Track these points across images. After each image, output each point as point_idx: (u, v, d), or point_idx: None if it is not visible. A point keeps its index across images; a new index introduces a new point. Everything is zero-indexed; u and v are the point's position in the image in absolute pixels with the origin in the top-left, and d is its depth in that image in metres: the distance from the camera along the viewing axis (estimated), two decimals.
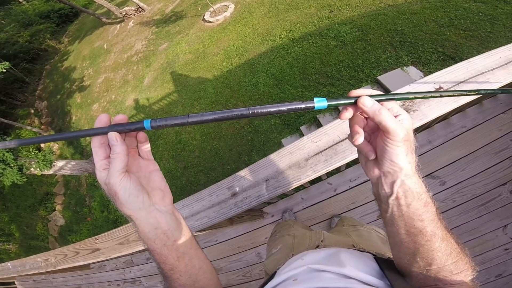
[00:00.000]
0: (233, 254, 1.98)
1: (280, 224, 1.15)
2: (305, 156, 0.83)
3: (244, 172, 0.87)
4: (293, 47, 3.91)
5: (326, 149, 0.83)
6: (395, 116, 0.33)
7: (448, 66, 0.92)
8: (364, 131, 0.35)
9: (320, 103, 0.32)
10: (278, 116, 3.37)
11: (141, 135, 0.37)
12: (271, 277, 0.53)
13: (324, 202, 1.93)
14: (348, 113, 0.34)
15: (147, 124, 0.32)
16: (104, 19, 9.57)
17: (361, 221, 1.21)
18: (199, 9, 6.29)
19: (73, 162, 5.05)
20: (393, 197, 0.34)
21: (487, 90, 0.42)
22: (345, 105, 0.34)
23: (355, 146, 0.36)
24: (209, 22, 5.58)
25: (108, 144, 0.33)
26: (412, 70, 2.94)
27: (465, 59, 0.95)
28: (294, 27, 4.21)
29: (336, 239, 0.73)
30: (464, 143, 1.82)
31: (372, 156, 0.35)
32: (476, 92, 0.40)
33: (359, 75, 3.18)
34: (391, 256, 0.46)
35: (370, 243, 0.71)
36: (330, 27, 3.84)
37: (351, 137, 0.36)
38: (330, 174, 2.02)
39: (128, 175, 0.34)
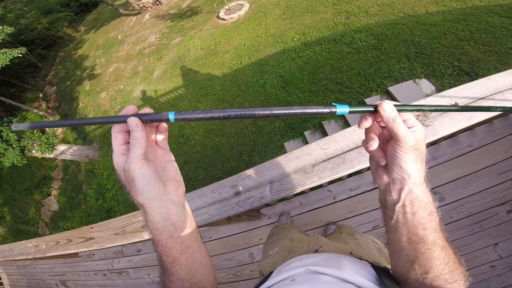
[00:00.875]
0: (225, 252, 1.97)
1: (278, 227, 1.15)
2: (312, 162, 0.82)
3: (249, 172, 0.86)
4: (305, 51, 3.86)
5: (334, 157, 0.82)
6: (410, 127, 0.34)
7: (462, 81, 0.91)
8: (379, 139, 0.37)
9: (341, 108, 0.33)
10: (283, 119, 3.31)
11: (163, 125, 0.38)
12: (267, 277, 0.52)
13: (322, 209, 1.91)
14: (368, 122, 0.35)
15: (171, 116, 0.33)
16: (121, 10, 9.73)
17: (358, 230, 1.20)
18: (215, 6, 6.34)
19: (75, 147, 5.06)
20: (399, 204, 0.35)
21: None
22: (365, 112, 0.35)
23: (369, 152, 0.38)
24: (223, 19, 5.59)
25: (128, 131, 0.33)
26: (424, 83, 2.85)
27: (480, 75, 0.90)
28: (308, 31, 4.17)
29: (334, 245, 0.73)
30: (468, 162, 1.80)
31: (383, 162, 0.37)
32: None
33: (370, 84, 3.10)
34: (388, 266, 0.49)
35: (368, 252, 0.71)
36: (345, 34, 3.79)
37: (365, 142, 0.37)
38: (331, 181, 1.96)
39: (147, 162, 0.34)
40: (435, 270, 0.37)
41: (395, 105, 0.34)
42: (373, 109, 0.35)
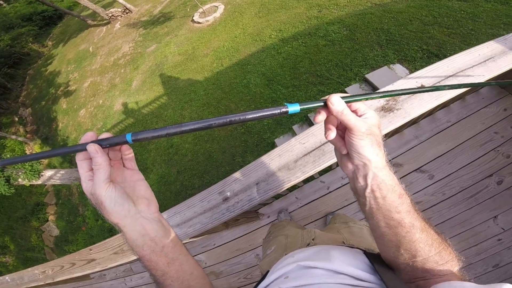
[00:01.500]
0: (232, 257, 1.98)
1: (274, 225, 1.16)
2: (294, 158, 0.83)
3: (234, 176, 0.87)
4: (283, 47, 3.93)
5: (314, 150, 0.83)
6: (362, 115, 0.36)
7: (432, 63, 0.96)
8: (338, 130, 0.38)
9: (293, 107, 0.34)
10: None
11: (124, 147, 0.38)
12: (264, 276, 0.53)
13: (318, 201, 1.95)
14: (321, 116, 0.36)
15: (128, 137, 0.34)
16: (89, 21, 9.32)
17: (354, 218, 1.21)
18: (188, 10, 6.23)
19: (62, 171, 4.89)
20: (368, 190, 0.36)
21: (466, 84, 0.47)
22: (316, 108, 0.36)
23: (329, 141, 0.39)
24: (199, 23, 5.52)
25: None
26: (398, 68, 3.01)
27: (448, 55, 0.98)
28: (284, 27, 4.24)
29: (328, 236, 0.74)
30: (449, 137, 1.88)
31: (344, 151, 0.38)
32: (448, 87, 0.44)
33: (348, 74, 3.22)
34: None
35: (361, 239, 0.72)
36: (319, 27, 3.89)
37: (325, 132, 0.38)
38: (322, 172, 2.04)
39: (113, 185, 0.35)
40: (422, 253, 0.37)
41: (344, 97, 0.35)
42: (322, 104, 0.36)
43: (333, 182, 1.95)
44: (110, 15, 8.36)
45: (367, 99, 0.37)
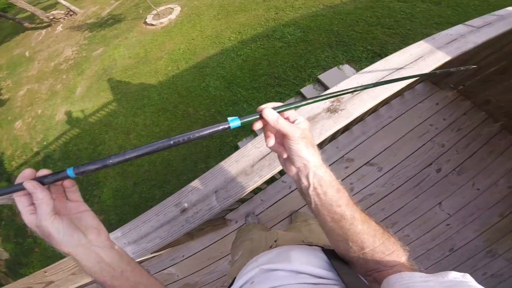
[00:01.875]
0: (205, 266, 1.93)
1: (240, 230, 1.16)
2: (250, 162, 0.84)
3: (191, 186, 0.85)
4: (243, 49, 3.91)
5: (269, 153, 0.85)
6: (294, 121, 0.40)
7: (375, 62, 1.01)
8: (277, 137, 0.42)
9: (234, 122, 0.37)
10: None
11: (66, 182, 0.39)
12: (231, 283, 0.54)
13: (282, 200, 1.98)
14: (259, 123, 0.41)
15: (70, 172, 0.34)
16: (26, 24, 8.26)
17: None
18: (141, 11, 5.88)
19: None
20: (311, 188, 0.40)
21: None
22: (255, 121, 0.40)
23: (269, 148, 0.43)
24: (152, 25, 5.23)
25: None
26: (346, 68, 3.17)
27: (390, 55, 1.05)
28: (243, 29, 4.22)
29: (289, 236, 0.75)
30: (392, 131, 2.04)
31: (285, 155, 0.42)
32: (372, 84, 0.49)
33: (302, 75, 3.31)
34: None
35: (319, 236, 0.74)
36: (276, 29, 3.96)
37: (265, 141, 0.42)
38: (283, 172, 2.04)
39: (59, 217, 0.35)
40: (368, 244, 0.39)
41: (276, 108, 0.39)
42: (258, 116, 0.39)
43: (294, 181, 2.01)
44: (51, 17, 7.50)
45: (296, 107, 0.41)
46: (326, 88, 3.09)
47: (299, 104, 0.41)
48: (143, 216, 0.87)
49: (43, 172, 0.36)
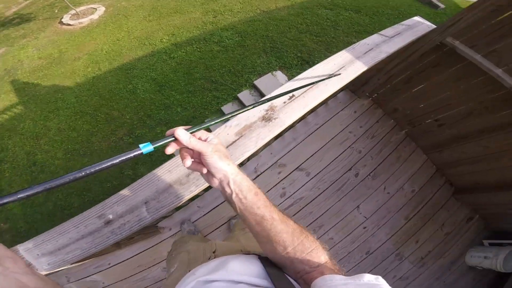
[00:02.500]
0: (135, 273, 1.79)
1: (175, 242, 1.14)
2: (186, 172, 0.81)
3: (117, 197, 0.79)
4: (177, 52, 3.71)
5: None
6: (206, 139, 0.45)
7: (304, 69, 1.05)
8: (195, 157, 0.46)
9: (146, 148, 0.38)
10: (164, 124, 3.03)
11: None
12: None
13: (220, 207, 1.92)
14: (171, 148, 0.43)
15: None
16: None
17: None
18: (56, 11, 5.20)
19: None
20: (234, 195, 0.44)
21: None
22: (169, 142, 0.42)
23: (188, 168, 0.45)
24: (69, 25, 4.65)
25: None
26: (279, 74, 3.28)
27: (316, 62, 1.10)
28: (177, 32, 4.03)
29: (227, 246, 0.75)
30: (318, 138, 2.11)
31: (205, 171, 0.45)
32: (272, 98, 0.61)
33: (239, 80, 3.29)
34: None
35: (255, 243, 0.69)
36: (213, 32, 3.89)
37: (182, 162, 0.45)
38: None
39: None
40: (288, 243, 0.42)
41: (188, 129, 0.43)
42: (173, 138, 0.41)
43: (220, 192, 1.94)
44: None
45: (207, 126, 0.46)
46: (261, 93, 3.11)
47: (208, 124, 0.45)
48: (59, 228, 0.79)
49: None
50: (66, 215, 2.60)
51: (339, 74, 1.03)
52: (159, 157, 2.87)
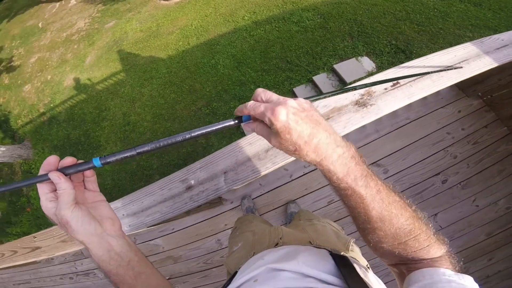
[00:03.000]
0: (192, 242, 1.92)
1: (240, 220, 1.15)
2: (265, 147, 0.80)
3: (200, 164, 0.81)
4: (256, 30, 3.77)
5: None
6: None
7: (398, 58, 1.01)
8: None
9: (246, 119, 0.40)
10: (237, 99, 3.19)
11: (87, 172, 0.40)
12: (232, 276, 0.53)
13: (281, 188, 1.92)
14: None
15: (96, 162, 0.36)
16: None
17: (316, 214, 1.24)
18: None
19: (3, 148, 4.25)
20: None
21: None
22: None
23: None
24: (166, 0, 5.13)
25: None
26: (365, 61, 3.01)
27: (414, 52, 1.00)
28: (258, 10, 4.07)
29: (294, 235, 0.73)
30: (407, 134, 1.93)
31: None
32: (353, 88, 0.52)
33: (317, 62, 3.17)
34: (345, 253, 0.51)
35: (326, 238, 0.72)
36: (293, 12, 3.79)
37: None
38: None
39: (78, 206, 0.36)
40: (403, 235, 0.38)
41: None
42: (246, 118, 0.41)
43: (296, 171, 1.93)
44: None
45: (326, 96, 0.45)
46: (341, 78, 2.93)
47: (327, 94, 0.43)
48: (146, 189, 0.82)
49: (68, 160, 0.36)
50: (145, 175, 3.08)
51: (461, 67, 0.89)
52: (230, 130, 3.07)
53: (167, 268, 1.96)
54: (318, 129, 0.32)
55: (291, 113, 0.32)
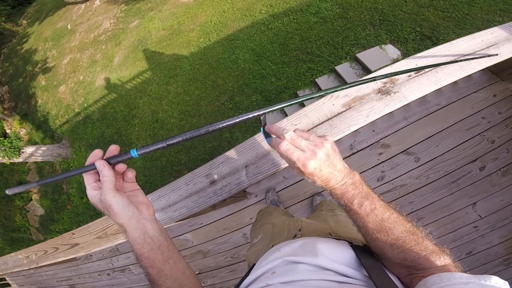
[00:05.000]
0: (219, 236, 1.96)
1: (261, 212, 1.14)
2: None
3: (222, 158, 0.82)
4: (274, 23, 3.80)
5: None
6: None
7: (425, 45, 0.97)
8: None
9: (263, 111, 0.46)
10: (259, 92, 3.29)
11: (129, 172, 0.46)
12: (251, 269, 0.54)
13: (305, 180, 1.92)
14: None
15: (134, 153, 0.41)
16: None
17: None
18: None
19: (43, 148, 4.66)
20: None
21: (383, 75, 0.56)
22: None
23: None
24: None
25: (97, 172, 0.41)
26: (390, 48, 2.96)
27: (441, 39, 0.94)
28: (275, 2, 4.08)
29: (314, 227, 0.72)
30: (438, 120, 1.84)
31: None
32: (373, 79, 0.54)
33: (339, 52, 3.16)
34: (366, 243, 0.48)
35: (347, 229, 0.70)
36: (311, 3, 3.76)
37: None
38: None
39: (119, 192, 0.41)
40: (404, 244, 0.40)
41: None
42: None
43: None
44: None
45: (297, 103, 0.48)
46: (365, 67, 2.92)
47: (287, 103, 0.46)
48: (173, 184, 0.85)
49: (112, 148, 0.43)
50: (174, 170, 3.28)
51: (496, 54, 0.86)
52: (252, 123, 3.19)
53: (197, 262, 2.03)
54: (334, 171, 0.40)
55: (317, 164, 0.39)
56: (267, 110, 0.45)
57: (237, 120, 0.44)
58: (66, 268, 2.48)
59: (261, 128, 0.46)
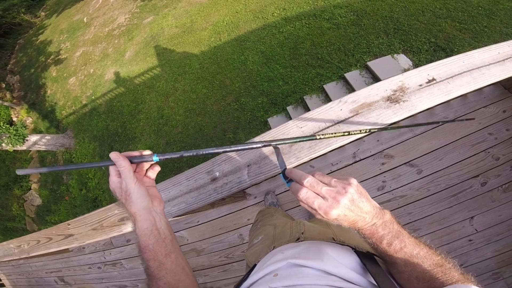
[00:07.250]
0: (215, 235, 1.95)
1: (261, 213, 1.13)
2: None
3: (225, 156, 0.82)
4: (285, 26, 3.78)
5: None
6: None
7: (438, 56, 0.95)
8: None
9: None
10: (265, 95, 3.26)
11: (156, 166, 0.52)
12: (251, 269, 0.54)
13: None
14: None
15: (155, 158, 0.45)
16: None
17: None
18: None
19: (48, 137, 4.70)
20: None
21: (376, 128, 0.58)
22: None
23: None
24: None
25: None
26: (402, 58, 2.90)
27: (456, 51, 0.92)
28: (288, 6, 4.08)
29: (317, 230, 0.71)
30: (444, 133, 1.83)
31: None
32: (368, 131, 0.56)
33: (349, 59, 3.12)
34: (370, 251, 0.48)
35: (350, 234, 0.70)
36: (325, 9, 3.74)
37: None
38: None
39: (139, 182, 0.44)
40: (429, 276, 0.39)
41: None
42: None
43: (322, 168, 1.91)
44: None
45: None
46: (375, 76, 2.86)
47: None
48: (174, 179, 0.85)
49: (135, 153, 0.46)
50: (176, 167, 3.27)
51: (473, 119, 0.89)
52: (257, 126, 3.15)
53: (190, 260, 1.99)
54: (361, 214, 0.38)
55: (341, 211, 0.37)
56: (270, 144, 0.48)
57: (246, 147, 0.49)
58: (56, 259, 2.46)
59: (281, 173, 0.46)
